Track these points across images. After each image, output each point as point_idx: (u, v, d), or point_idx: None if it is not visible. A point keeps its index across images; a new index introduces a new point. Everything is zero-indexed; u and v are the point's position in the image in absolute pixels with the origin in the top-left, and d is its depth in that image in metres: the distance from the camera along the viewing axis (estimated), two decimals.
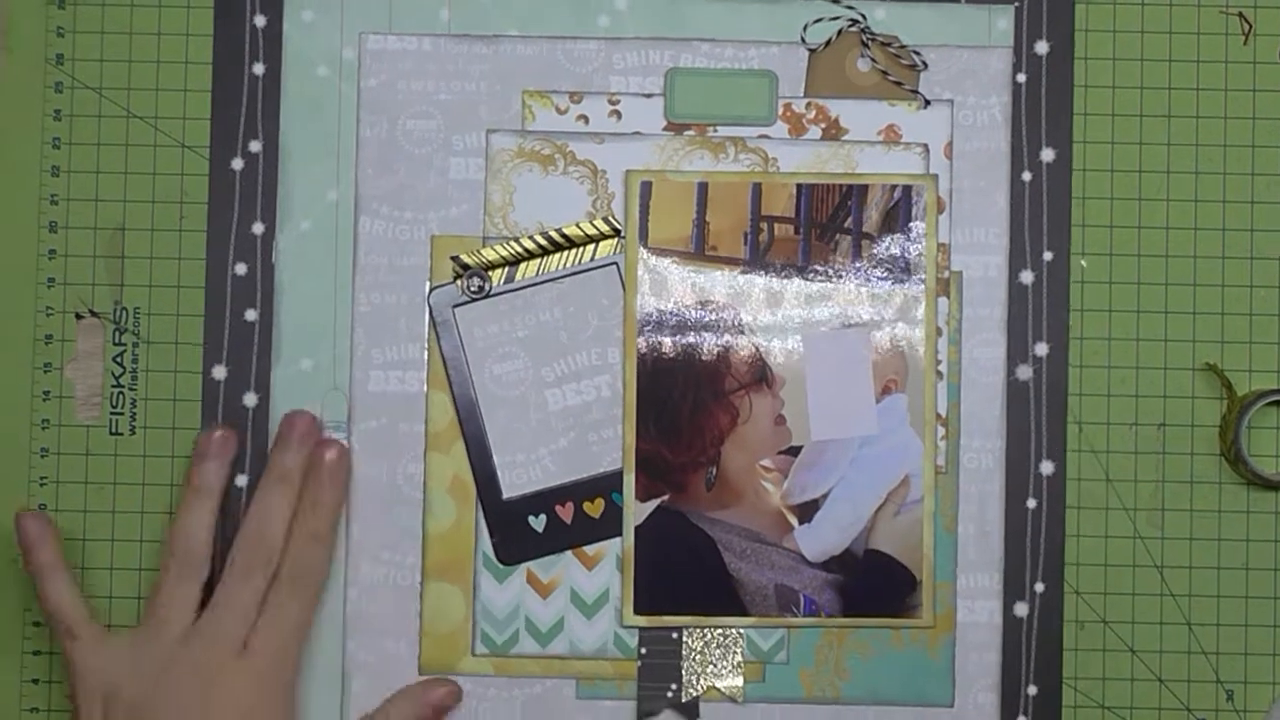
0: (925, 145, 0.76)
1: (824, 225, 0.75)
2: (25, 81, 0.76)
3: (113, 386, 0.76)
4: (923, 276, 0.75)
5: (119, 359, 0.76)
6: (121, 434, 0.76)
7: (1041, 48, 0.76)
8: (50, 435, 0.75)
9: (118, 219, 0.76)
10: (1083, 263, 0.76)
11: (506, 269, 0.75)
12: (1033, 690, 0.75)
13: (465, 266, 0.75)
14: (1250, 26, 0.76)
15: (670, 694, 0.74)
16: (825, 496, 0.74)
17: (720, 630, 0.75)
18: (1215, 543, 0.76)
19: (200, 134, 0.76)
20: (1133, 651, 0.75)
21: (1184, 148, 0.76)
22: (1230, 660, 0.75)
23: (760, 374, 0.75)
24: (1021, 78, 0.76)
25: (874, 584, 0.74)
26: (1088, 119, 0.76)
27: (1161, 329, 0.76)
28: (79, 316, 0.76)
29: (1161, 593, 0.75)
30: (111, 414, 0.76)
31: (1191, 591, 0.75)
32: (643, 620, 0.74)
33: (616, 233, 0.75)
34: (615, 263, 0.75)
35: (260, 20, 0.76)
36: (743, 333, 0.75)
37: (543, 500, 0.75)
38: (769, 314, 0.75)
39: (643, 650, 0.75)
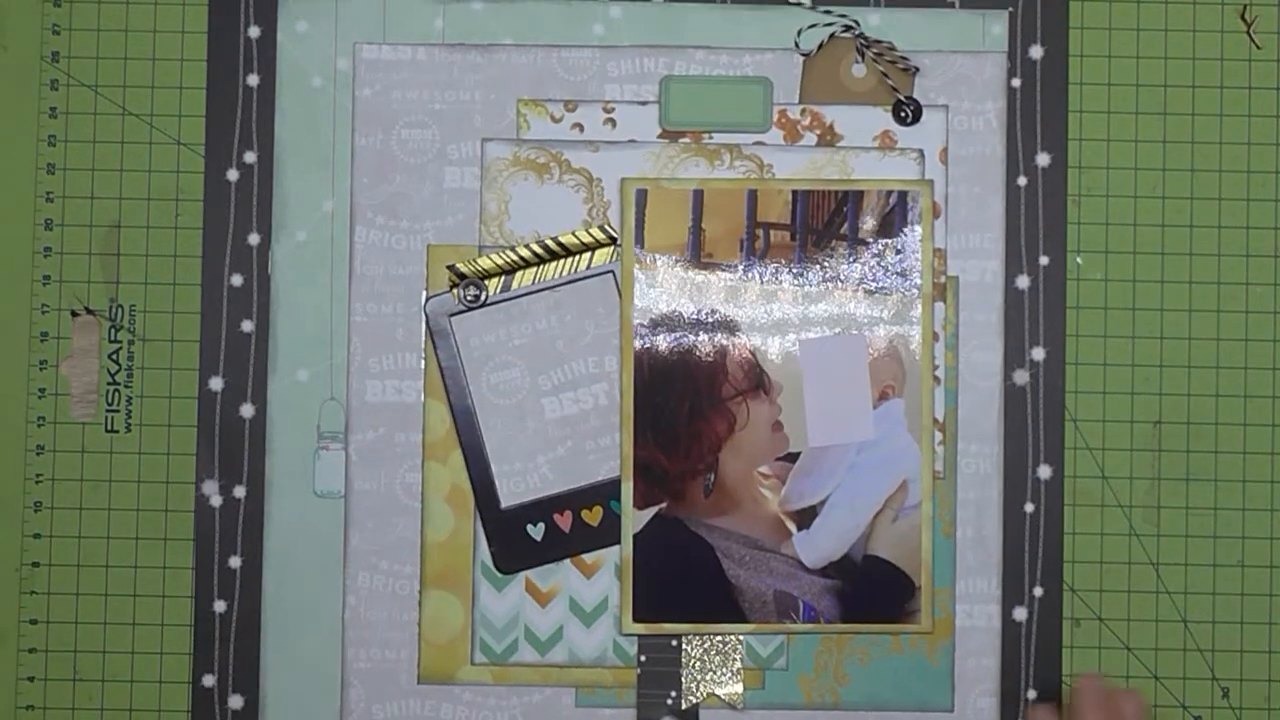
0: (920, 151, 0.76)
1: (820, 231, 0.75)
2: (20, 79, 0.76)
3: (108, 384, 0.76)
4: (919, 282, 0.75)
5: (114, 356, 0.76)
6: (117, 431, 0.76)
7: (1036, 52, 0.76)
8: (46, 433, 0.76)
9: (113, 216, 0.76)
10: (1078, 260, 0.76)
11: (503, 278, 0.75)
12: (1032, 695, 0.75)
13: (461, 275, 0.75)
14: (1250, 23, 0.76)
15: (670, 701, 0.75)
16: (823, 502, 0.74)
17: (720, 637, 0.75)
18: (1211, 540, 0.76)
19: (195, 131, 0.76)
20: (1129, 649, 0.75)
21: (1180, 145, 0.76)
22: (1226, 657, 0.76)
23: (757, 380, 0.75)
24: (1016, 83, 0.76)
25: (872, 590, 0.74)
26: (1084, 116, 0.76)
27: (1157, 326, 0.76)
28: (74, 314, 0.76)
29: (1157, 590, 0.75)
30: (107, 411, 0.76)
31: (1187, 589, 0.76)
32: (642, 628, 0.74)
33: (612, 240, 0.75)
34: (611, 270, 0.75)
35: (255, 31, 0.76)
36: (739, 339, 0.75)
37: (541, 509, 0.75)
38: (765, 320, 0.75)
39: (642, 658, 0.75)
